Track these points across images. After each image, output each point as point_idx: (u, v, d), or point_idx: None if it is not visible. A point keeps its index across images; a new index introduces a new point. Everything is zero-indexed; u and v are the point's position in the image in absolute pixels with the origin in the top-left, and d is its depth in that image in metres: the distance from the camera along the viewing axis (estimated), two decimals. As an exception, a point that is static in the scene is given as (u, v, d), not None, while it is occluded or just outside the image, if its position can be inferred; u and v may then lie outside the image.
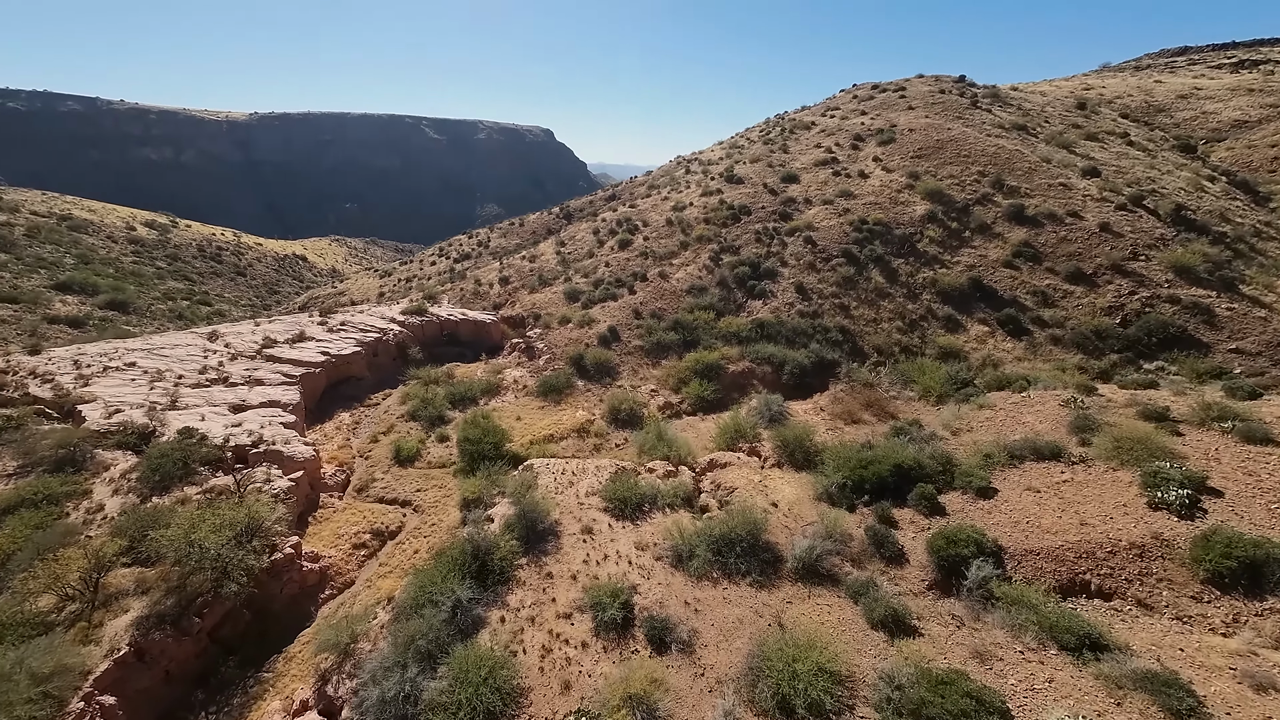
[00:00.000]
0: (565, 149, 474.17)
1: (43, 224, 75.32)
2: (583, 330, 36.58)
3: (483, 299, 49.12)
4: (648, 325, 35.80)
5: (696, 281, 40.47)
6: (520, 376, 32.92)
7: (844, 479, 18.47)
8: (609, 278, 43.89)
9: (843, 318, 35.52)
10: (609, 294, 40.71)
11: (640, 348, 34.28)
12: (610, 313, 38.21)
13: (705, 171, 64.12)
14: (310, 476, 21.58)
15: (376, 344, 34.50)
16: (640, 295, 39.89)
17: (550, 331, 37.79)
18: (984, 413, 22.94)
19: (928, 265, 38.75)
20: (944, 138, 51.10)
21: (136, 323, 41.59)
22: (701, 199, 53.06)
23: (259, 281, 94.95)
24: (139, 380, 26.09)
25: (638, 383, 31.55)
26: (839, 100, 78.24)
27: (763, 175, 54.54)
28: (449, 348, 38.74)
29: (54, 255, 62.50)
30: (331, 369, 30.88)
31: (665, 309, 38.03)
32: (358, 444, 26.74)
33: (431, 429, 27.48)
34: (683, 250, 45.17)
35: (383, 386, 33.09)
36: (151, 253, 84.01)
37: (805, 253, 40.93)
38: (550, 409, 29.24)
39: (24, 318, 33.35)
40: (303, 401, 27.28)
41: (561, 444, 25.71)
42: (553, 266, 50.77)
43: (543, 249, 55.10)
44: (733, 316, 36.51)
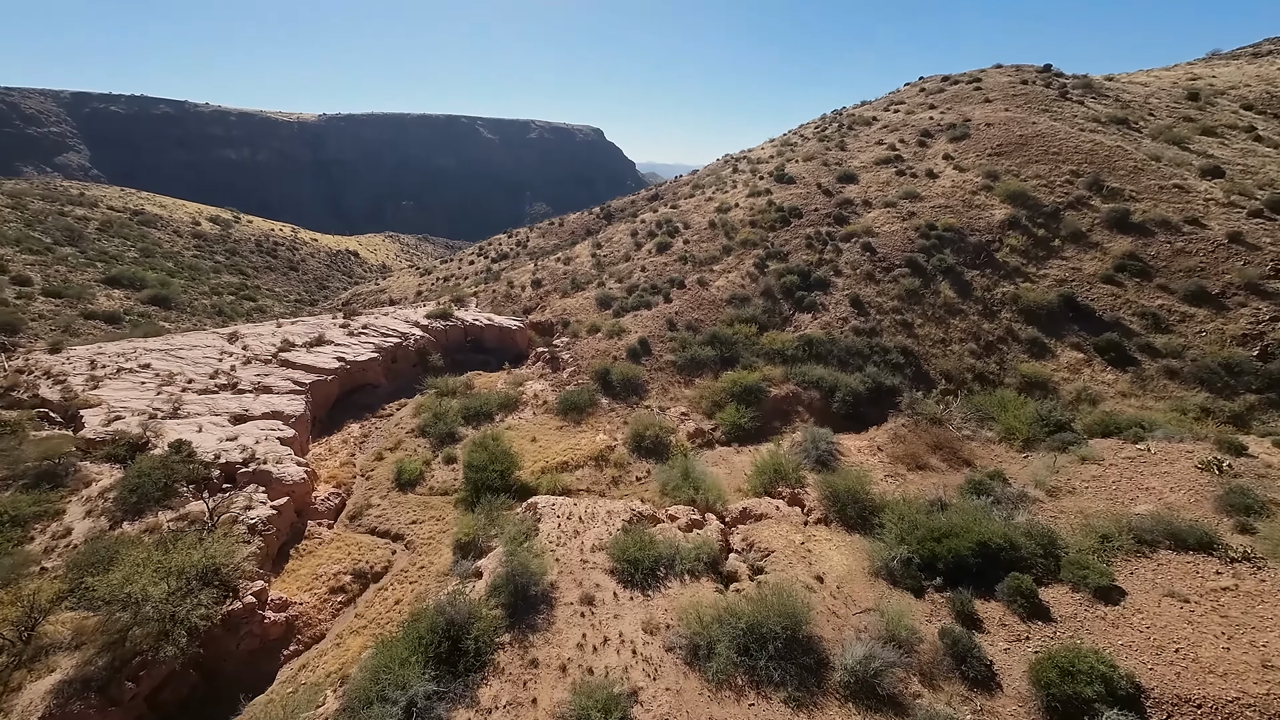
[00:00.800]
0: (614, 148, 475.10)
1: (116, 219, 79.49)
2: (611, 341, 33.79)
3: (514, 302, 47.21)
4: (682, 338, 32.62)
5: (738, 290, 36.93)
6: (541, 390, 30.45)
7: (910, 552, 14.78)
8: (644, 283, 40.95)
9: (905, 337, 31.16)
10: (643, 301, 37.77)
11: (672, 363, 31.14)
12: (642, 322, 35.27)
13: (754, 170, 60.16)
14: (298, 502, 19.68)
15: (395, 350, 32.88)
16: (676, 304, 36.74)
17: (578, 341, 35.22)
18: (1089, 468, 18.54)
19: (1008, 278, 33.72)
20: (1028, 133, 45.26)
21: (175, 318, 41.93)
22: (748, 200, 49.28)
23: (310, 276, 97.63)
24: (148, 384, 25.20)
25: (667, 403, 28.44)
26: (904, 94, 72.28)
27: (816, 174, 50.18)
28: (473, 354, 36.82)
29: (118, 249, 65.41)
30: (345, 376, 29.38)
31: (702, 320, 34.72)
32: (362, 461, 24.90)
33: (440, 447, 25.35)
34: (725, 255, 41.66)
35: (400, 395, 31.39)
36: (212, 247, 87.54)
37: (862, 261, 36.62)
38: (569, 430, 26.58)
39: (63, 312, 33.60)
40: (309, 412, 25.72)
41: (576, 474, 22.96)
42: (587, 270, 48.29)
43: (579, 251, 52.77)
44: (777, 332, 32.79)
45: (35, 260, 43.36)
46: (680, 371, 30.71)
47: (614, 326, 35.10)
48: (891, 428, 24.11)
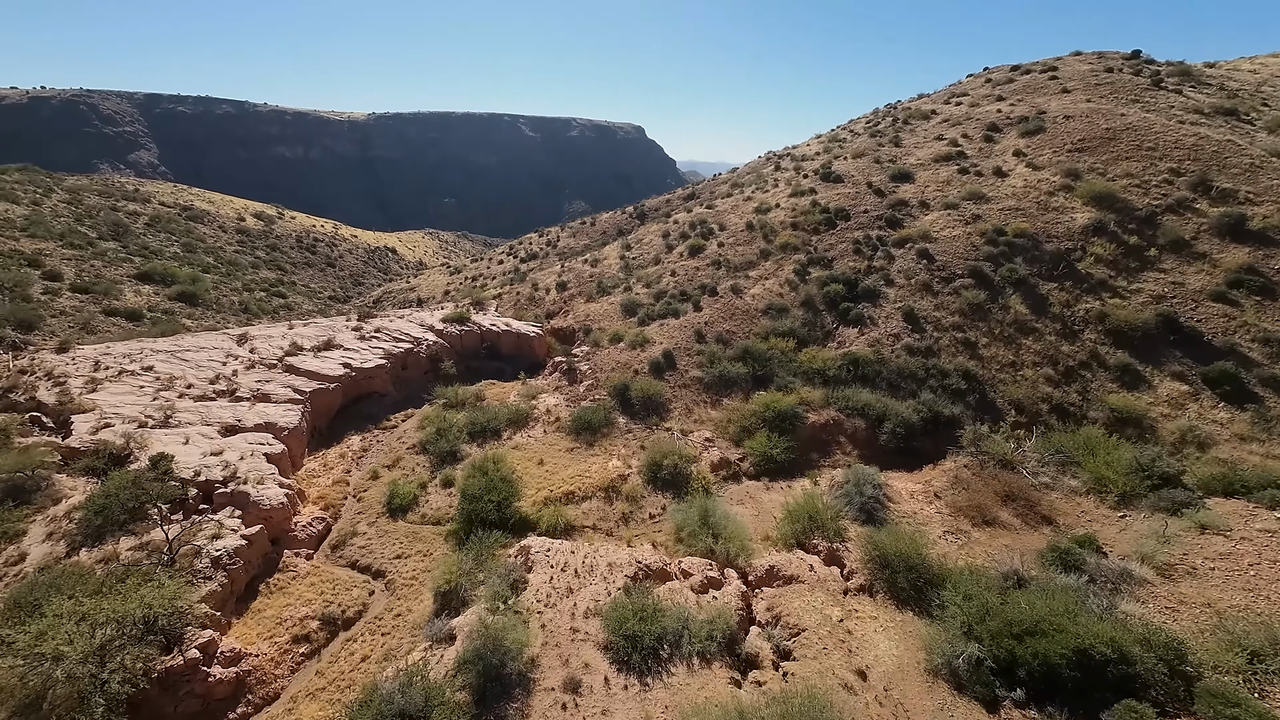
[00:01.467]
0: (655, 146, 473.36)
1: (165, 214, 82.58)
2: (634, 353, 31.41)
3: (537, 305, 45.44)
4: (711, 352, 29.90)
5: (776, 300, 33.88)
6: (555, 405, 28.34)
7: (981, 651, 11.76)
8: (673, 289, 38.38)
9: (968, 358, 27.49)
10: (670, 309, 35.22)
11: (698, 380, 28.47)
12: (669, 332, 32.73)
13: (797, 168, 56.60)
14: (275, 529, 18.12)
15: (406, 356, 31.46)
16: (706, 313, 34.02)
17: (598, 351, 33.00)
18: (1212, 541, 14.92)
19: (1092, 293, 29.48)
20: (1116, 126, 40.26)
21: (199, 315, 42.09)
22: (790, 200, 45.96)
23: (346, 273, 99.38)
24: (147, 388, 24.41)
25: (690, 426, 25.81)
26: (966, 86, 67.00)
27: (867, 173, 46.37)
28: (488, 362, 35.13)
29: (162, 244, 67.56)
30: (350, 384, 28.05)
31: (734, 332, 31.89)
32: (357, 479, 23.34)
33: (439, 467, 23.55)
34: (762, 260, 38.61)
35: (408, 404, 29.89)
36: (254, 242, 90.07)
37: (918, 269, 32.95)
38: (580, 452, 24.33)
39: (86, 309, 33.69)
40: (305, 424, 24.38)
41: (583, 506, 20.67)
42: (614, 273, 46.05)
43: (607, 252, 50.63)
44: (818, 348, 29.65)
45: (74, 255, 44.41)
46: (707, 390, 28.01)
47: (638, 336, 32.72)
48: (951, 469, 20.78)
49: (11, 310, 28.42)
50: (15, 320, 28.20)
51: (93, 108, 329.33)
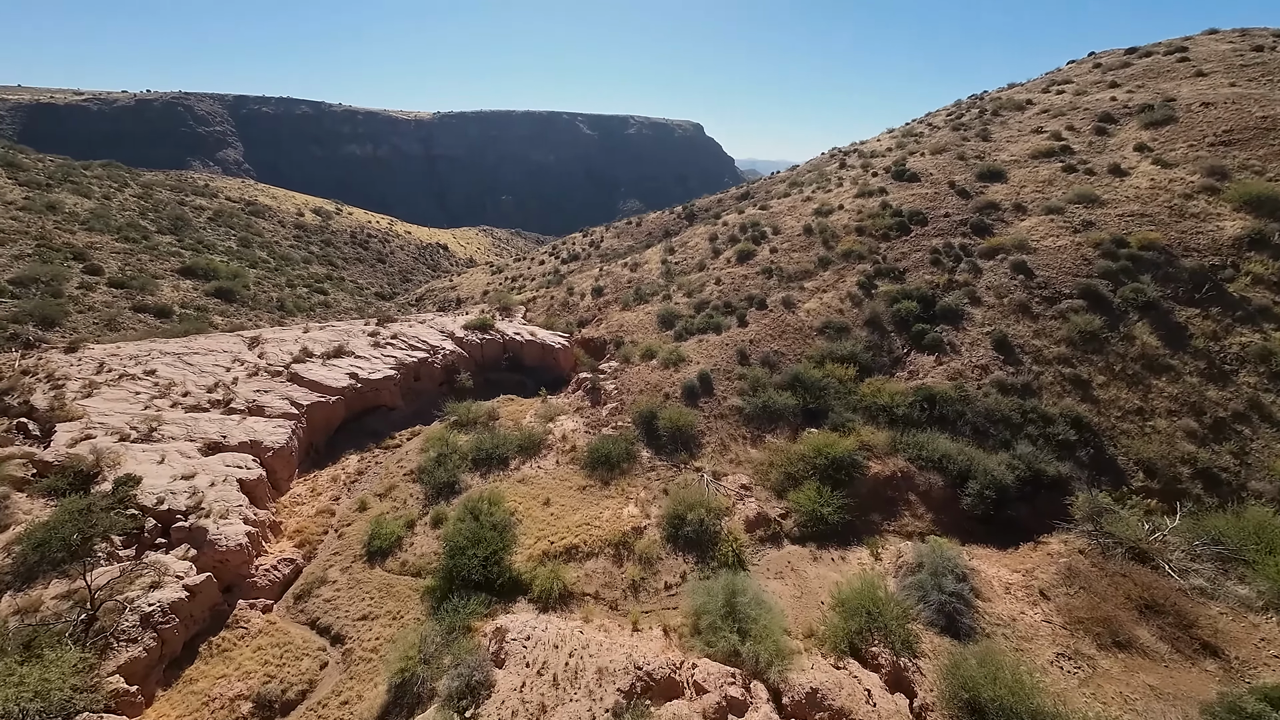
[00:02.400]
0: (713, 144, 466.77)
1: (229, 209, 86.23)
2: (666, 372, 27.97)
3: (570, 311, 42.79)
4: (754, 377, 26.01)
5: (835, 317, 29.52)
6: (573, 431, 25.32)
7: None
8: (716, 300, 34.64)
9: (1078, 400, 22.34)
10: (711, 323, 31.54)
11: (738, 410, 24.68)
12: (708, 350, 29.09)
13: (865, 166, 51.29)
14: (230, 575, 15.94)
15: (419, 367, 29.35)
16: (753, 329, 30.12)
17: (628, 368, 29.78)
18: None
19: (1250, 323, 23.50)
20: (1275, 114, 33.07)
21: (233, 312, 42.06)
22: (855, 201, 41.10)
23: (395, 269, 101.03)
24: (142, 394, 23.24)
25: (724, 466, 22.10)
26: (1069, 72, 59.19)
27: (949, 170, 40.81)
28: (509, 374, 32.64)
29: (218, 238, 70.03)
30: (355, 397, 26.11)
31: (784, 354, 27.85)
32: (343, 508, 21.13)
33: (433, 501, 21.00)
34: (821, 270, 34.19)
35: (418, 419, 27.73)
36: (310, 237, 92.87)
37: (1013, 286, 27.74)
38: (593, 492, 21.15)
39: (116, 304, 33.68)
40: (296, 442, 22.46)
41: (586, 566, 17.46)
42: (654, 279, 42.72)
43: (649, 256, 47.37)
44: (884, 378, 25.20)
45: (124, 249, 45.59)
46: (747, 423, 24.18)
47: (672, 353, 29.24)
48: (1062, 554, 16.12)
49: (36, 306, 28.34)
50: (39, 316, 28.03)
51: (189, 109, 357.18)
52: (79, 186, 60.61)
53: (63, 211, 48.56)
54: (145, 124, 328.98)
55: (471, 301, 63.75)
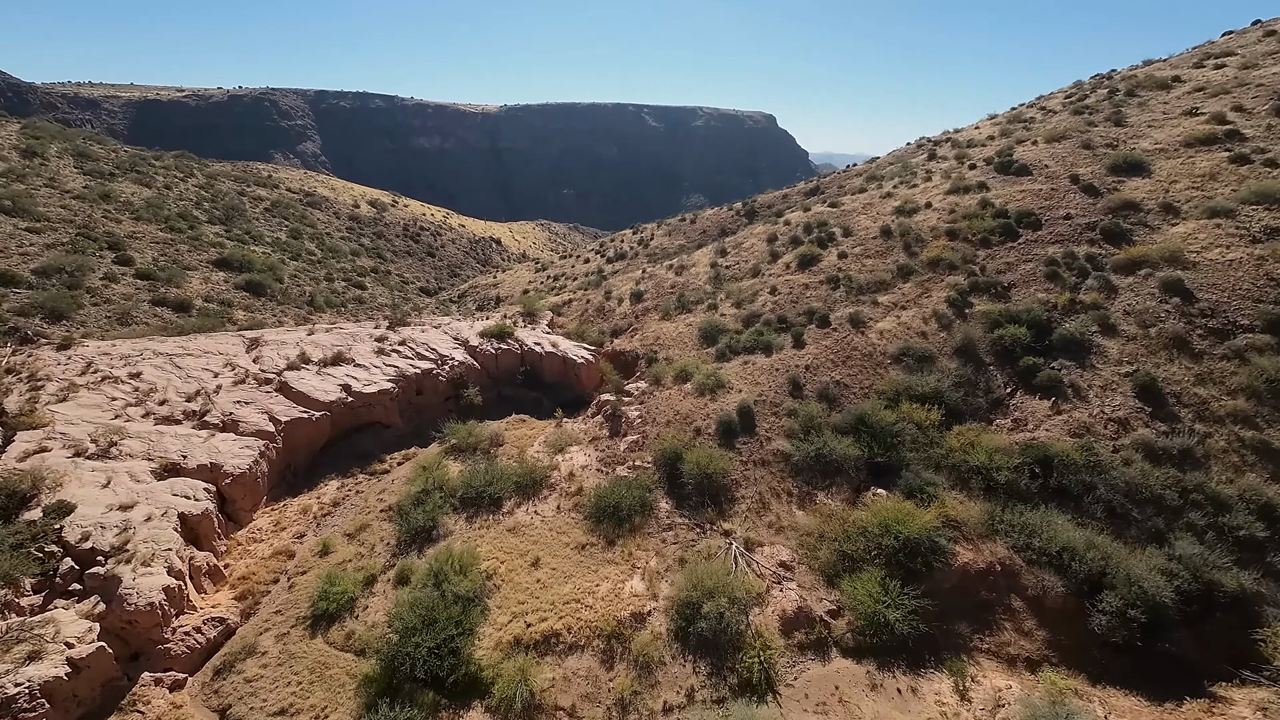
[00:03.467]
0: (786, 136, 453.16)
1: (286, 199, 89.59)
2: (702, 401, 24.12)
3: (606, 318, 39.59)
4: (808, 414, 21.68)
5: (915, 342, 24.58)
6: (583, 467, 22.02)
7: None
8: (770, 312, 30.34)
9: (1266, 477, 16.56)
10: (761, 341, 27.36)
11: (784, 457, 20.48)
12: (754, 375, 24.99)
13: (960, 157, 44.91)
14: (138, 640, 13.69)
15: (422, 379, 26.97)
16: (810, 351, 25.70)
17: (657, 392, 26.15)
18: None
19: None
20: None
21: (259, 307, 41.88)
22: (947, 198, 35.42)
23: (445, 263, 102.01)
24: (118, 400, 22.00)
25: (760, 532, 18.04)
26: (1228, 44, 49.78)
27: (1070, 162, 34.33)
28: (525, 390, 29.78)
29: (269, 228, 72.26)
30: (344, 413, 23.95)
31: (847, 385, 23.31)
32: (305, 550, 18.75)
33: (405, 549, 18.26)
34: (899, 281, 29.14)
35: (415, 440, 25.37)
36: (362, 229, 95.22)
37: (1163, 312, 21.81)
38: (594, 554, 17.72)
39: (135, 297, 33.64)
40: (265, 466, 20.39)
41: (567, 665, 14.02)
42: (701, 284, 38.75)
43: (698, 258, 43.39)
44: (979, 427, 20.22)
45: (167, 238, 46.74)
46: (795, 474, 19.94)
47: (711, 376, 25.31)
48: (1263, 736, 11.01)
49: (47, 298, 28.22)
50: (48, 309, 27.83)
51: (274, 104, 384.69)
52: (143, 176, 63.89)
53: (116, 200, 50.62)
54: (235, 118, 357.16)
55: (510, 301, 62.09)
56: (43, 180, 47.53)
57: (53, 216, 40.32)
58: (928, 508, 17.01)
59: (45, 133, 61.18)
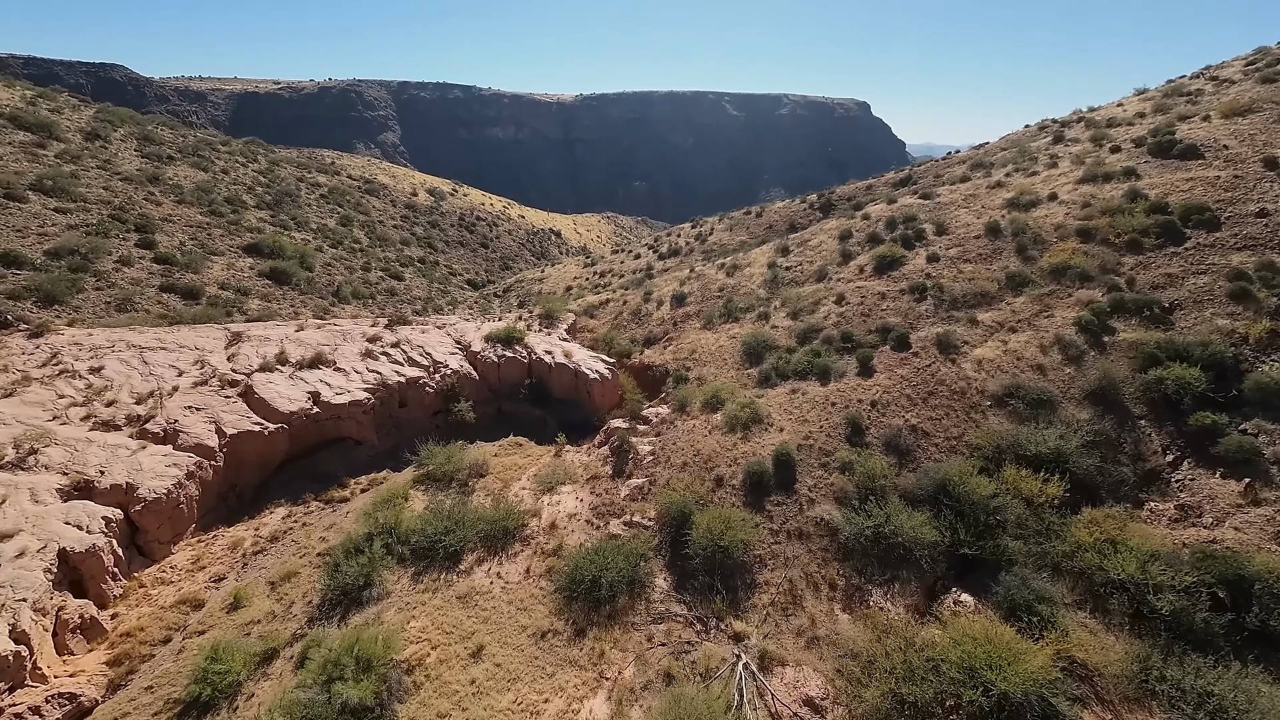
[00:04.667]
0: (880, 125, 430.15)
1: (345, 186, 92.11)
2: (731, 439, 19.75)
3: (641, 323, 35.69)
4: (869, 471, 16.76)
5: (1028, 379, 18.88)
6: (571, 515, 18.27)
7: None
8: (832, 326, 25.33)
9: None
10: (816, 364, 22.54)
11: (829, 529, 15.73)
12: (801, 409, 20.31)
13: (1098, 139, 37.24)
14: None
15: (405, 389, 24.13)
16: (881, 381, 20.63)
17: (680, 420, 22.01)
18: None
19: None
20: None
21: (280, 295, 41.27)
22: (1078, 189, 28.72)
23: (498, 255, 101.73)
24: (65, 399, 20.53)
25: (785, 643, 13.46)
26: None
27: (1262, 142, 26.69)
28: (528, 406, 26.36)
29: (318, 214, 73.79)
30: (307, 426, 21.41)
31: (928, 433, 18.11)
32: (218, 599, 16.04)
33: (325, 615, 15.12)
34: (1009, 293, 23.25)
35: (389, 462, 22.54)
36: (417, 218, 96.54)
37: None
38: (556, 648, 13.85)
39: (145, 281, 33.29)
40: (194, 488, 18.02)
41: (473, 835, 10.13)
42: (753, 288, 33.95)
43: (754, 257, 38.47)
44: (1124, 512, 14.57)
45: (206, 222, 47.47)
46: (843, 557, 15.14)
47: (746, 407, 20.82)
48: None
49: (43, 281, 27.90)
50: (42, 292, 27.44)
51: (359, 95, 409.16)
52: (202, 161, 66.69)
53: (165, 183, 52.30)
54: (325, 109, 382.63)
55: (555, 297, 59.47)
56: (97, 162, 49.71)
57: (91, 198, 41.43)
58: (1040, 639, 11.81)
59: (115, 117, 65.15)
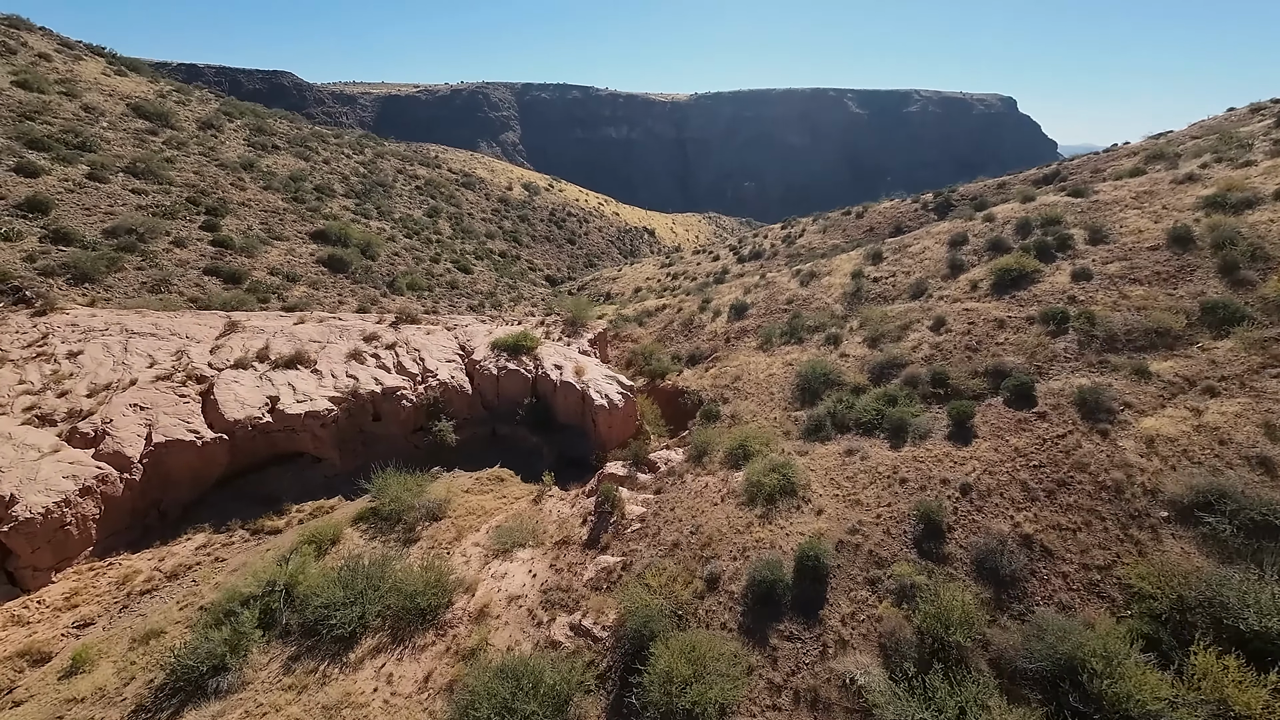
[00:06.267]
0: (1028, 123, 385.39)
1: (441, 179, 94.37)
2: (745, 517, 14.38)
3: (691, 336, 30.45)
4: (941, 608, 10.59)
5: (1238, 480, 11.45)
6: (512, 599, 13.84)
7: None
8: (919, 364, 18.82)
9: None
10: (891, 416, 16.45)
11: (859, 706, 9.75)
12: (854, 485, 14.46)
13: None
14: None
15: (379, 401, 20.74)
16: (982, 453, 14.10)
17: (692, 476, 16.92)
18: None
19: None
20: None
21: (332, 284, 40.58)
22: (1336, 181, 19.48)
23: (584, 251, 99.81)
24: (22, 385, 19.17)
25: None
26: None
27: None
28: (525, 430, 22.11)
29: (408, 204, 75.19)
30: (251, 438, 18.56)
31: (1054, 552, 11.51)
32: (65, 654, 13.16)
33: (162, 703, 11.67)
34: (1206, 334, 15.51)
35: (347, 487, 19.19)
36: (508, 212, 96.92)
37: None
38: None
39: (191, 263, 33.28)
40: (92, 507, 15.49)
41: None
42: (829, 302, 27.45)
43: (838, 264, 31.65)
44: None
45: (285, 207, 48.52)
46: (874, 766, 9.13)
47: (777, 472, 15.23)
48: None
49: (78, 258, 27.97)
50: (76, 269, 27.45)
51: (485, 96, 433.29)
52: (306, 151, 70.04)
53: (258, 170, 54.51)
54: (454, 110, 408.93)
55: (622, 299, 55.46)
56: (201, 149, 52.67)
57: (178, 181, 43.19)
58: None
59: (235, 109, 70.18)
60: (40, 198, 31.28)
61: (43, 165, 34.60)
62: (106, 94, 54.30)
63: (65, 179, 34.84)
